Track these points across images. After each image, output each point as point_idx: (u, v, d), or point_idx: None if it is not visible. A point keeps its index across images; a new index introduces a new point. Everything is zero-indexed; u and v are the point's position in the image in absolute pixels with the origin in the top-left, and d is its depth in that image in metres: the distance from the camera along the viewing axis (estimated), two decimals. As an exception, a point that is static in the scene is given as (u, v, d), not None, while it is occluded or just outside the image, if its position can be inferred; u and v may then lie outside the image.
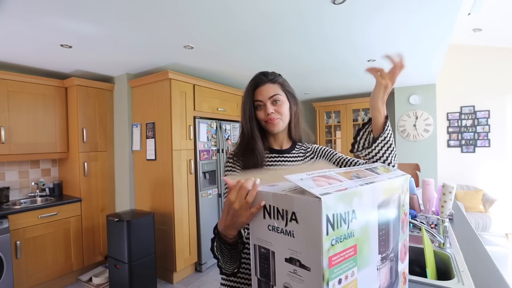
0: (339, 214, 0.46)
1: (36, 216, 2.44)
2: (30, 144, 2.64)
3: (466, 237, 1.40)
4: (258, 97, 0.92)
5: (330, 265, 0.45)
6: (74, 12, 1.64)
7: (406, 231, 0.69)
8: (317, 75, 3.36)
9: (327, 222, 0.44)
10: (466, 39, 3.99)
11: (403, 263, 0.67)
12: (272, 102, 0.92)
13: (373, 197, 0.54)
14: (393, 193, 0.62)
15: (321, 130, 4.80)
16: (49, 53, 2.32)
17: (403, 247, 0.67)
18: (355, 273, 0.49)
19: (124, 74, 3.02)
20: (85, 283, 2.73)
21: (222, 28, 1.94)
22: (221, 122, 3.22)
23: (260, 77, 0.94)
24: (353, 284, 0.49)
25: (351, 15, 1.80)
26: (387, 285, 0.59)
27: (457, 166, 4.30)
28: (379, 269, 0.57)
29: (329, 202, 0.44)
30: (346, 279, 0.48)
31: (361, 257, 0.51)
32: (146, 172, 2.91)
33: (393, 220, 0.62)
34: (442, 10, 1.76)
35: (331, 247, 0.45)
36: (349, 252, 0.48)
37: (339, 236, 0.46)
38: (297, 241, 0.48)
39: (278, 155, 0.97)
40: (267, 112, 0.90)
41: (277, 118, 0.91)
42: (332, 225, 0.44)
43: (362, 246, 0.51)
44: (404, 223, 0.67)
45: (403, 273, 0.68)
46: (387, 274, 0.59)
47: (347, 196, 0.48)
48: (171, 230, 2.70)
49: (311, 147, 1.04)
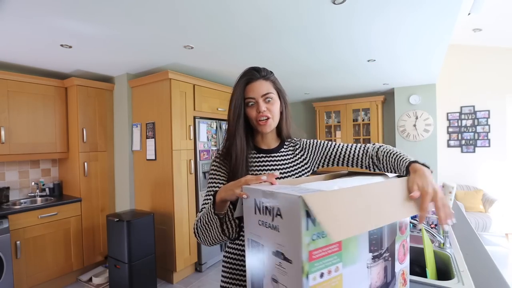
0: None
1: (36, 216, 2.44)
2: (30, 144, 2.64)
3: (466, 237, 1.40)
4: (250, 93, 0.87)
5: (311, 258, 0.46)
6: (74, 12, 1.64)
7: (406, 232, 0.69)
8: (317, 75, 3.36)
9: (307, 217, 0.46)
10: (466, 39, 3.99)
11: (402, 263, 0.67)
12: (264, 100, 0.88)
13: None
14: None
15: (321, 130, 4.80)
16: (49, 53, 2.32)
17: (401, 247, 0.66)
18: (339, 269, 0.51)
19: (124, 74, 3.02)
20: (85, 283, 2.73)
21: (222, 28, 1.94)
22: (221, 122, 3.22)
23: (252, 72, 0.89)
24: (338, 279, 0.51)
25: (351, 15, 1.80)
26: (380, 284, 0.60)
27: (457, 166, 4.30)
28: (370, 267, 0.57)
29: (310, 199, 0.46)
30: (329, 273, 0.49)
31: (347, 254, 0.52)
32: (146, 172, 2.91)
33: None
34: (442, 10, 1.75)
35: (311, 242, 0.46)
36: (332, 248, 0.49)
37: (321, 232, 0.47)
38: (282, 235, 0.50)
39: (265, 155, 0.94)
40: (260, 110, 0.86)
41: (269, 118, 0.87)
42: (313, 221, 0.46)
43: (349, 244, 0.52)
44: (402, 223, 0.66)
45: (403, 274, 0.67)
46: (380, 273, 0.60)
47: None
48: (171, 230, 2.70)
49: (300, 142, 1.00)
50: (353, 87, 4.15)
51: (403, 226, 0.67)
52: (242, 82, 0.89)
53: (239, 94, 0.88)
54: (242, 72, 0.91)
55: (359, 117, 4.48)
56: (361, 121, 4.45)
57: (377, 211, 0.53)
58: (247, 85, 0.88)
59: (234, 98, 0.89)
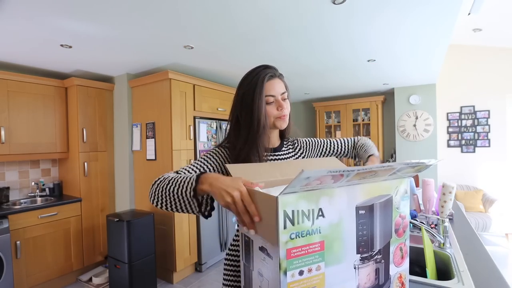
0: (301, 211, 0.50)
1: (36, 216, 2.44)
2: (30, 144, 2.64)
3: (466, 237, 1.40)
4: (271, 91, 0.87)
5: (289, 256, 0.48)
6: (74, 12, 1.64)
7: (404, 234, 0.67)
8: (317, 75, 3.36)
9: (284, 217, 0.48)
10: (466, 39, 3.99)
11: (398, 266, 0.66)
12: (283, 99, 0.90)
13: (349, 197, 0.56)
14: (381, 194, 0.61)
15: (321, 130, 4.80)
16: (49, 53, 2.32)
17: (398, 250, 0.65)
18: (321, 268, 0.52)
19: (124, 74, 3.02)
20: (85, 283, 2.73)
21: (222, 28, 1.94)
22: (221, 122, 3.22)
23: (271, 70, 0.89)
24: (319, 278, 0.52)
25: (351, 15, 1.80)
26: (370, 285, 0.60)
27: (457, 166, 4.30)
28: (358, 268, 0.58)
29: (288, 200, 0.48)
30: (309, 271, 0.51)
31: (331, 254, 0.53)
32: (146, 172, 2.91)
33: (380, 221, 0.61)
34: (442, 10, 1.75)
35: (290, 240, 0.48)
36: (313, 247, 0.51)
37: (300, 231, 0.49)
38: (266, 232, 0.52)
39: (271, 154, 0.96)
40: (282, 107, 0.88)
41: (286, 115, 0.91)
42: (291, 221, 0.48)
43: (332, 244, 0.53)
44: (399, 226, 0.65)
45: (400, 277, 0.66)
46: (370, 275, 0.60)
47: (312, 195, 0.51)
48: (171, 230, 2.70)
49: (297, 141, 1.05)
50: (353, 87, 4.15)
51: (400, 229, 0.66)
52: (262, 79, 0.86)
53: (261, 91, 0.85)
54: (257, 69, 0.89)
55: (359, 117, 4.48)
56: (361, 121, 4.45)
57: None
58: (267, 82, 0.87)
59: (254, 95, 0.85)
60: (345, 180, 0.53)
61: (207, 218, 0.77)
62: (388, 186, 0.63)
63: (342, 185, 0.55)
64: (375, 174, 0.57)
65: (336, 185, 0.54)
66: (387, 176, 0.62)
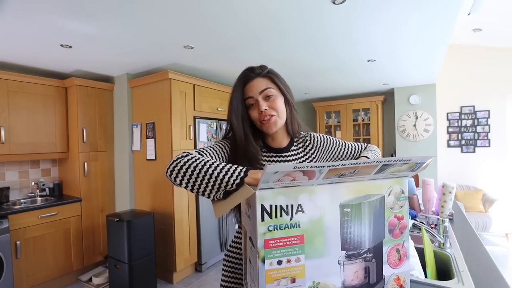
0: (279, 205, 0.54)
1: (36, 216, 2.44)
2: (30, 144, 2.64)
3: (466, 237, 1.40)
4: (248, 93, 0.84)
5: (267, 246, 0.53)
6: (74, 12, 1.64)
7: (402, 236, 0.65)
8: (317, 75, 3.36)
9: (262, 210, 0.52)
10: (466, 39, 3.98)
11: (395, 268, 0.65)
12: (264, 98, 0.83)
13: (332, 195, 0.58)
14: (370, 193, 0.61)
15: (321, 130, 4.80)
16: (49, 53, 2.32)
17: (394, 251, 0.64)
18: (301, 260, 0.55)
19: (124, 74, 3.02)
20: (85, 283, 2.73)
21: (222, 28, 1.94)
22: (221, 122, 3.22)
23: (247, 73, 0.86)
24: (299, 269, 0.55)
25: (351, 15, 1.80)
26: (358, 283, 0.60)
27: (457, 166, 4.30)
28: (344, 264, 0.59)
29: (265, 195, 0.53)
30: (288, 262, 0.54)
31: (311, 247, 0.56)
32: (146, 172, 2.91)
33: (369, 220, 0.61)
34: (442, 10, 1.75)
35: (267, 232, 0.53)
36: (292, 240, 0.55)
37: (278, 224, 0.54)
38: (251, 223, 0.57)
39: (276, 155, 0.91)
40: (261, 110, 0.81)
41: (273, 116, 0.82)
42: (269, 214, 0.53)
43: (313, 238, 0.56)
44: (395, 227, 0.64)
45: (397, 279, 0.65)
46: (358, 273, 0.60)
47: (291, 192, 0.54)
48: (171, 230, 2.70)
49: (310, 138, 0.96)
50: (353, 87, 4.15)
51: (395, 230, 0.64)
52: (239, 85, 0.85)
53: (239, 97, 0.84)
54: (237, 77, 0.88)
55: (359, 117, 4.48)
56: (361, 121, 4.45)
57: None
58: (244, 86, 0.85)
59: (233, 102, 0.84)
60: (320, 177, 0.54)
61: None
62: (379, 186, 0.62)
63: (322, 183, 0.57)
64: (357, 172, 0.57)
65: (315, 182, 0.56)
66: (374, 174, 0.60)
